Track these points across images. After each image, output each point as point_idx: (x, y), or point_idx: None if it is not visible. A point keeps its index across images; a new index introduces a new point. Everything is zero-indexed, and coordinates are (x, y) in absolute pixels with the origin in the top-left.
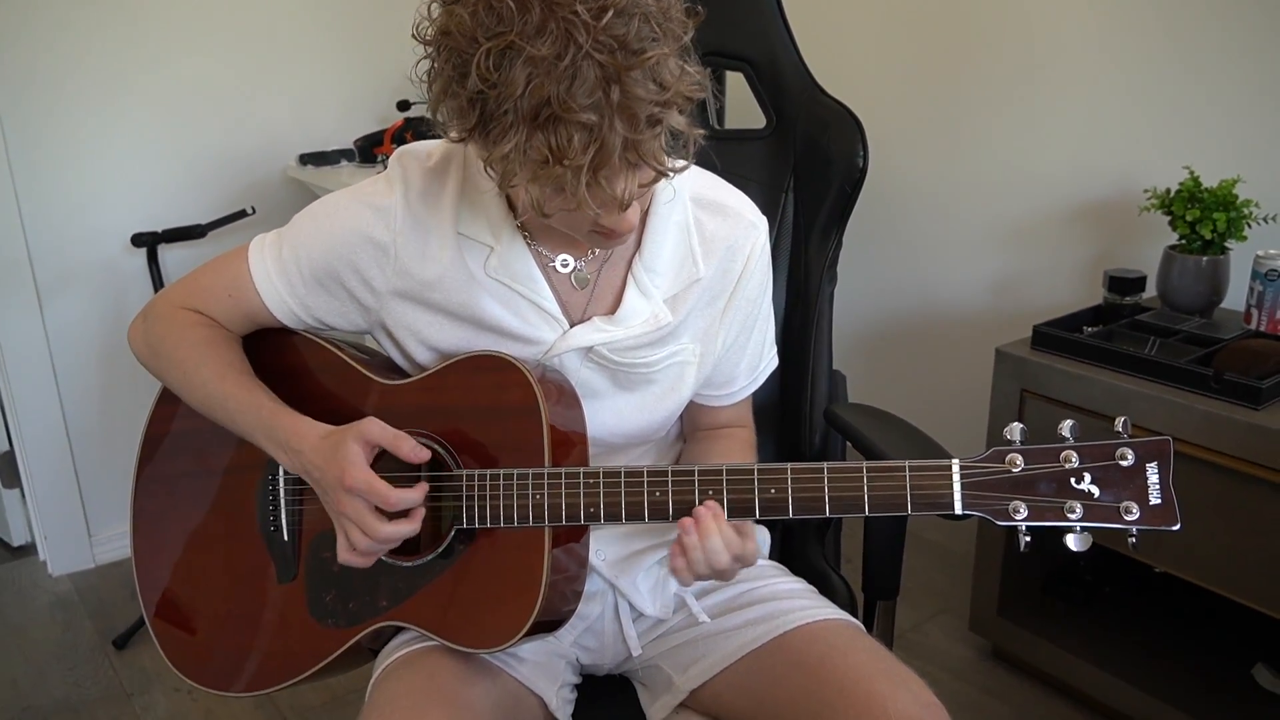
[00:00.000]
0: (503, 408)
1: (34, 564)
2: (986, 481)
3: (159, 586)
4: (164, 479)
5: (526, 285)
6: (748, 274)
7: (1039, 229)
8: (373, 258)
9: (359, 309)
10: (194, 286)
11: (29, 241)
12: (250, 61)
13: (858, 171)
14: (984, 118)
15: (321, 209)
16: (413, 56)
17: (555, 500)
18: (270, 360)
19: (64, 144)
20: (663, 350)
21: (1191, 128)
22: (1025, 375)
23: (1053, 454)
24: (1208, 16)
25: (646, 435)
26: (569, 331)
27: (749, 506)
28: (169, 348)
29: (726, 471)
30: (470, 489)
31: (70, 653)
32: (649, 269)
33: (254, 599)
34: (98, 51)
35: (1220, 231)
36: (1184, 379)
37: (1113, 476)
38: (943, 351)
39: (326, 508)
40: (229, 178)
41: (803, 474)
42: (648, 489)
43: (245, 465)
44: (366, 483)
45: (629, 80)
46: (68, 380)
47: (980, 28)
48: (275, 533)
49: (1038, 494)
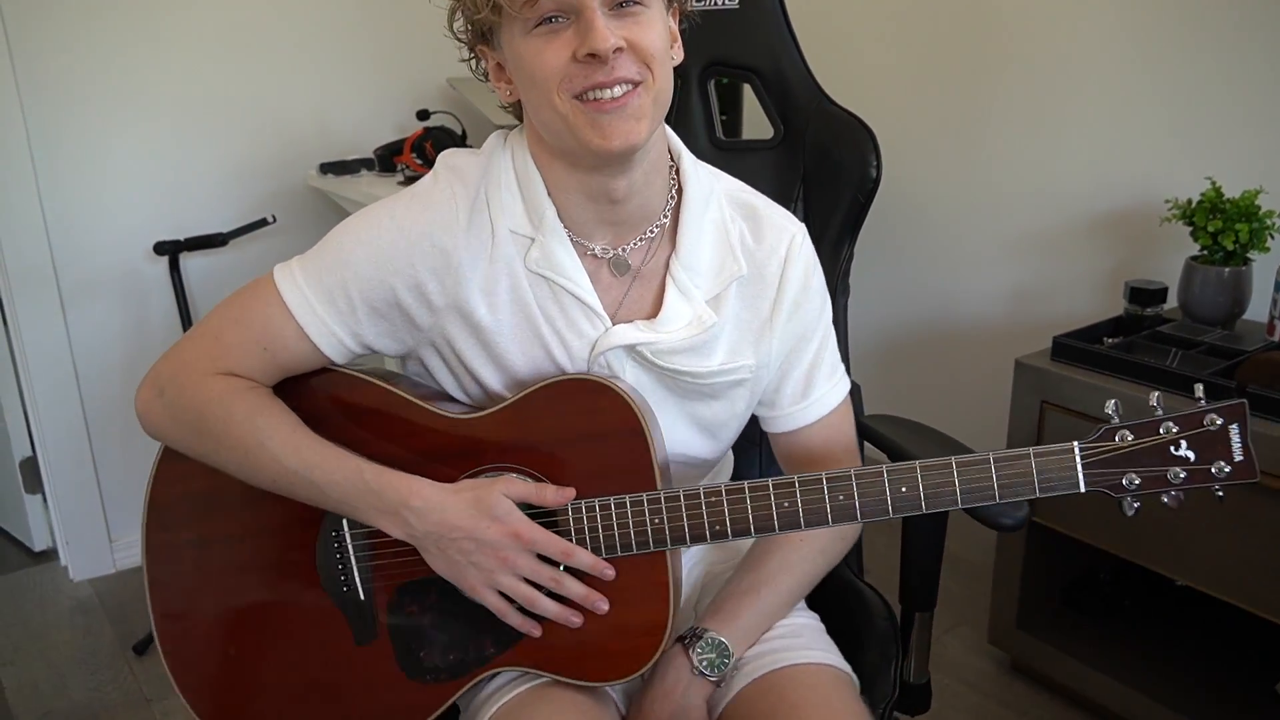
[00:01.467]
0: (599, 432)
1: (55, 569)
2: (1103, 459)
3: (199, 667)
4: (182, 546)
5: (568, 278)
6: (789, 271)
7: (1059, 239)
8: (432, 269)
9: (411, 330)
10: (218, 346)
11: (53, 248)
12: (271, 71)
13: (870, 181)
14: (1003, 126)
15: (363, 226)
16: (433, 67)
17: (677, 523)
18: (313, 408)
19: (88, 151)
20: (712, 361)
21: (1213, 138)
22: (1045, 387)
23: (1153, 427)
24: (1230, 26)
25: (701, 451)
26: (611, 329)
27: (882, 506)
28: (215, 428)
29: (856, 474)
30: (579, 521)
31: (91, 658)
32: (688, 268)
33: (329, 666)
34: (121, 61)
35: (1242, 243)
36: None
37: (1204, 440)
38: (961, 362)
39: (460, 570)
40: (250, 186)
41: (931, 469)
42: (775, 499)
43: (291, 524)
44: (544, 534)
45: None
46: (90, 386)
47: (998, 35)
48: (348, 593)
49: (1146, 464)
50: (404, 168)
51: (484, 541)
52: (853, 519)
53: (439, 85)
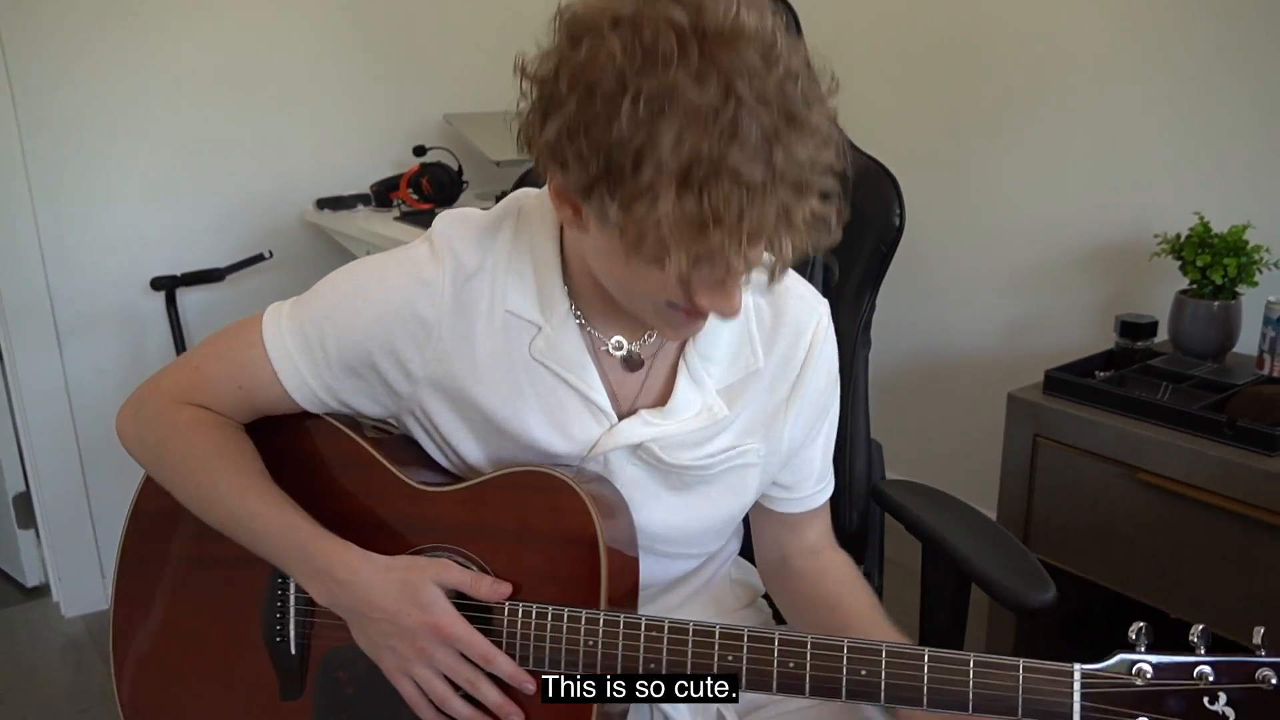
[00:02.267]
0: (555, 535)
1: (47, 605)
2: (1110, 694)
3: (139, 685)
4: (153, 562)
5: (575, 372)
6: (812, 359)
7: (1050, 273)
8: (413, 338)
9: (390, 395)
10: (196, 378)
11: (50, 283)
12: (268, 107)
13: (894, 231)
14: (994, 162)
15: (350, 281)
16: (430, 103)
17: (610, 650)
18: (282, 450)
19: (86, 186)
20: (716, 444)
21: (1202, 174)
22: (1038, 420)
23: (1186, 669)
24: (1219, 63)
25: (700, 543)
26: (616, 427)
27: (836, 686)
28: (174, 457)
29: (812, 642)
30: (513, 624)
31: (82, 695)
32: (704, 356)
33: (250, 714)
34: (120, 96)
35: (1231, 277)
36: (1197, 425)
37: (1253, 701)
38: (954, 395)
39: (377, 650)
40: (247, 221)
41: (900, 658)
42: (719, 650)
43: (249, 559)
44: (467, 631)
45: (791, 140)
46: (85, 421)
47: (990, 72)
48: (281, 644)
49: (1167, 712)
50: (400, 203)
51: (403, 628)
52: (800, 693)
53: (436, 121)
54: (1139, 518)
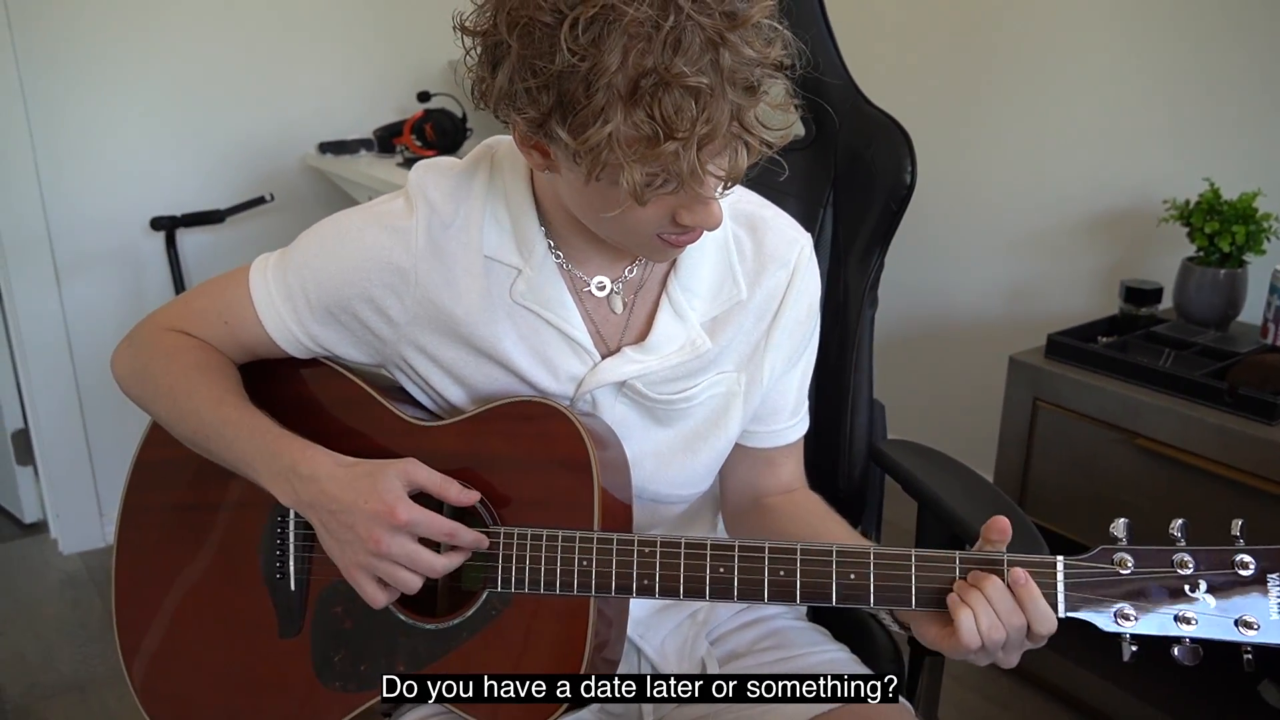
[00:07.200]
0: (548, 460)
1: (45, 541)
2: (1092, 582)
3: (140, 630)
4: (155, 510)
5: (556, 312)
6: (794, 290)
7: (1056, 237)
8: (390, 286)
9: (373, 341)
10: (186, 310)
11: (49, 221)
12: (272, 49)
13: (904, 188)
14: (1002, 125)
15: (331, 230)
16: (435, 48)
17: (605, 569)
18: (276, 392)
19: (86, 125)
20: (701, 378)
21: (1212, 140)
22: (1038, 384)
23: (1165, 557)
24: (1230, 30)
25: (690, 483)
26: (599, 365)
27: (826, 591)
28: (155, 374)
29: (801, 549)
30: (509, 548)
31: (79, 631)
32: (686, 289)
33: (250, 654)
34: (121, 35)
35: (1239, 245)
36: (1198, 392)
37: (1231, 587)
38: (956, 358)
39: (340, 548)
40: (249, 164)
41: (887, 558)
42: (711, 563)
43: (249, 502)
44: (423, 513)
45: (734, 43)
46: (84, 360)
47: (1000, 35)
48: (280, 580)
49: (1148, 600)
50: (403, 149)
51: (358, 518)
52: (791, 600)
53: (440, 67)
54: (1136, 483)
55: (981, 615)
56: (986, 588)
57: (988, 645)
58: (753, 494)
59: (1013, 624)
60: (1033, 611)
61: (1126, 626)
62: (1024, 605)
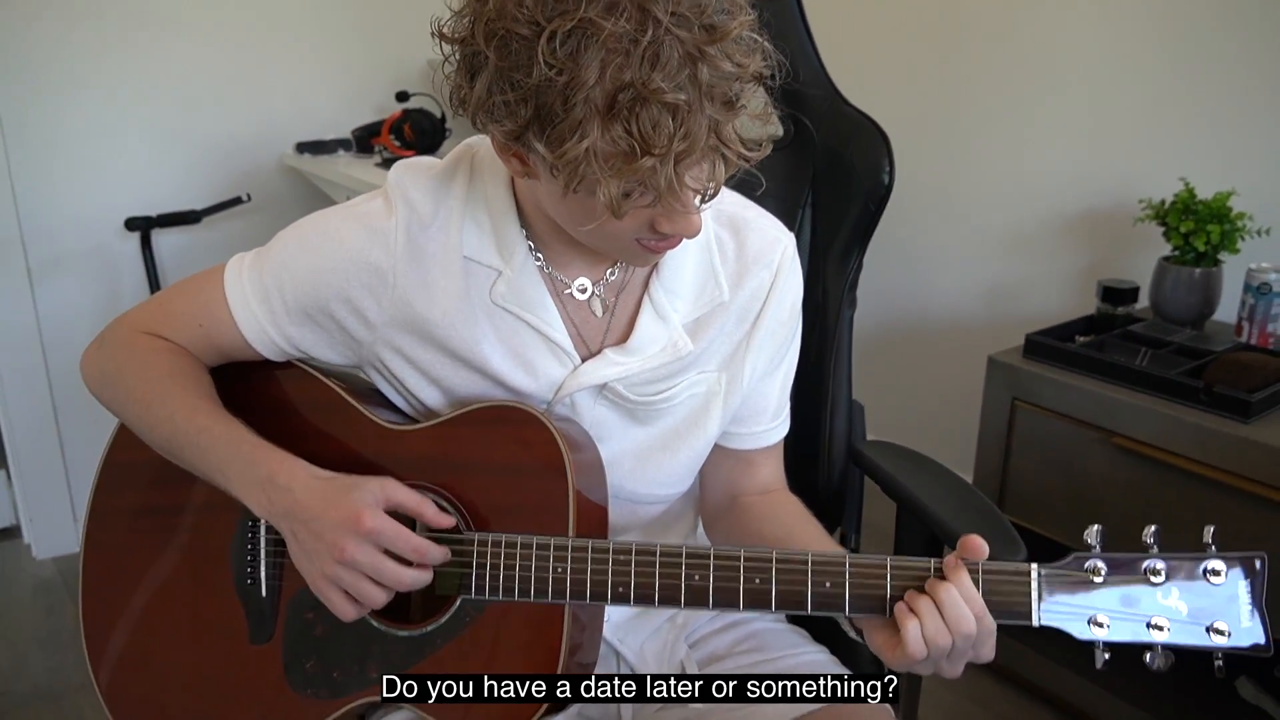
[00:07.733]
0: (523, 465)
1: (18, 547)
2: (1066, 590)
3: (108, 634)
4: (124, 512)
5: (536, 314)
6: (777, 290)
7: (1034, 237)
8: (367, 287)
9: (350, 343)
10: (159, 312)
11: (21, 222)
12: (249, 48)
13: (883, 189)
14: (980, 126)
15: (309, 230)
16: (414, 48)
17: (580, 576)
18: (248, 395)
19: (59, 124)
20: (682, 379)
21: (1187, 140)
22: (1017, 384)
23: (1137, 564)
24: (1206, 30)
25: (669, 483)
26: (580, 368)
27: (801, 599)
28: (128, 379)
29: (777, 558)
30: (483, 555)
31: (52, 638)
32: (668, 290)
33: (221, 659)
34: (95, 34)
35: (1214, 244)
36: (1174, 391)
37: (1202, 593)
38: (934, 358)
39: (308, 559)
40: (225, 164)
41: (863, 566)
42: (686, 571)
43: (220, 505)
44: (390, 524)
45: (713, 57)
46: (57, 362)
47: (977, 35)
48: (251, 586)
49: (1121, 608)
50: (382, 149)
51: (325, 526)
52: (766, 608)
53: (419, 67)
54: (1114, 482)
55: (928, 622)
56: (939, 593)
57: (933, 653)
58: (731, 494)
59: (960, 631)
60: (977, 609)
61: (1100, 634)
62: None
